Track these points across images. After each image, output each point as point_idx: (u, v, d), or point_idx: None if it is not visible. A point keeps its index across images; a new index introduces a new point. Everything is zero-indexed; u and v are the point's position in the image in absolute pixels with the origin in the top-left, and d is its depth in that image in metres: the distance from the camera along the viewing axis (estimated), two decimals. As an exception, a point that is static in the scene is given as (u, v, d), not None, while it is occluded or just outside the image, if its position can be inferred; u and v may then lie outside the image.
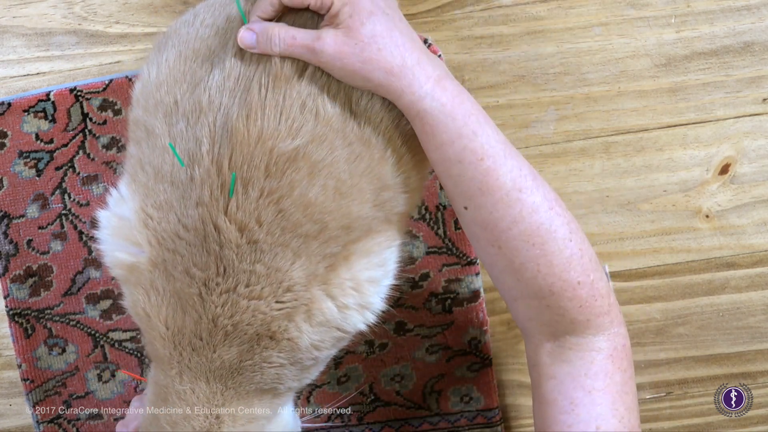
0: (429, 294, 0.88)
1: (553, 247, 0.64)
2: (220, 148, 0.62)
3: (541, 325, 0.66)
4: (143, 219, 0.66)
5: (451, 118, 0.62)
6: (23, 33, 0.87)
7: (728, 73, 0.88)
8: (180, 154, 0.63)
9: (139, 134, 0.67)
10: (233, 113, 0.62)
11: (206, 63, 0.65)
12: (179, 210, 0.64)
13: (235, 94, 0.62)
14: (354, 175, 0.64)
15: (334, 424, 0.90)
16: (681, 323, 0.91)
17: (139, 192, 0.67)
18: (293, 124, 0.62)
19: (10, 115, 0.85)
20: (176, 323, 0.66)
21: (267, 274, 0.63)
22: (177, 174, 0.64)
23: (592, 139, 0.89)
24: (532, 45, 0.88)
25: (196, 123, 0.63)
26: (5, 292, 0.88)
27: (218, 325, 0.64)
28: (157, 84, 0.66)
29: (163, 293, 0.65)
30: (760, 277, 0.91)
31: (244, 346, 0.65)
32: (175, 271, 0.64)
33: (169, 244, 0.64)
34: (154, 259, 0.65)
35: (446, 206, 0.86)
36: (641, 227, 0.90)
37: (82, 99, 0.85)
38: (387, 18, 0.61)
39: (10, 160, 0.86)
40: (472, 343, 0.88)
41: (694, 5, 0.87)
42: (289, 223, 0.63)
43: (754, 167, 0.89)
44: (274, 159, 0.61)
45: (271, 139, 0.61)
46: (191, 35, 0.67)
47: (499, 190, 0.63)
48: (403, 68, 0.61)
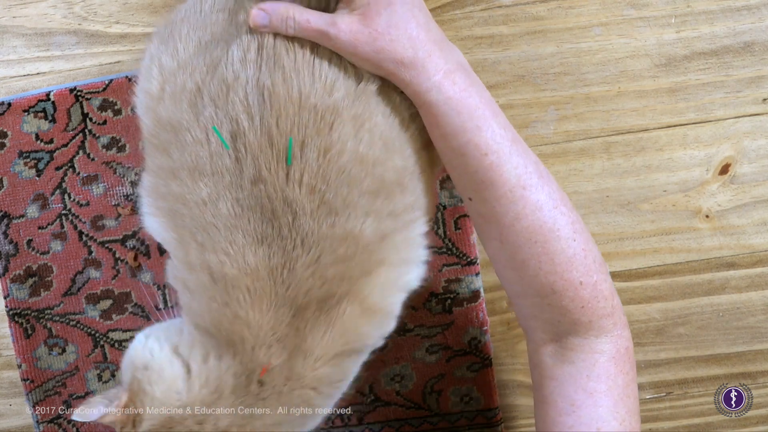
0: (429, 294, 0.88)
1: (556, 245, 0.63)
2: (262, 118, 0.61)
3: (543, 324, 0.66)
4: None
5: (456, 112, 0.62)
6: (23, 33, 0.87)
7: (728, 73, 0.88)
8: (217, 142, 0.62)
9: (165, 137, 0.65)
10: (266, 81, 0.61)
11: (221, 43, 0.64)
12: (231, 195, 0.62)
13: (260, 64, 0.61)
14: (393, 127, 0.64)
15: (333, 425, 0.90)
16: (681, 323, 0.91)
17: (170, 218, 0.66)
18: (326, 80, 0.61)
19: (10, 115, 0.85)
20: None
21: (344, 237, 0.62)
22: (218, 161, 0.62)
23: (592, 139, 0.89)
24: (532, 45, 0.88)
25: (226, 102, 0.61)
26: (5, 292, 0.88)
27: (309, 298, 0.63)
28: (173, 73, 0.65)
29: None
30: (760, 277, 0.91)
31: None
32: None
33: (220, 227, 0.63)
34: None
35: (446, 206, 0.86)
36: (641, 227, 0.90)
37: (82, 99, 0.85)
38: (405, 8, 0.61)
39: (10, 160, 0.86)
40: (472, 343, 0.88)
41: (694, 5, 0.87)
42: (353, 179, 0.62)
43: (754, 167, 0.89)
44: (320, 115, 0.61)
45: (311, 97, 0.60)
46: (207, 21, 0.65)
47: (503, 186, 0.63)
48: (413, 60, 0.61)
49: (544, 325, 0.66)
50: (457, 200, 0.86)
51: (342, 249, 0.63)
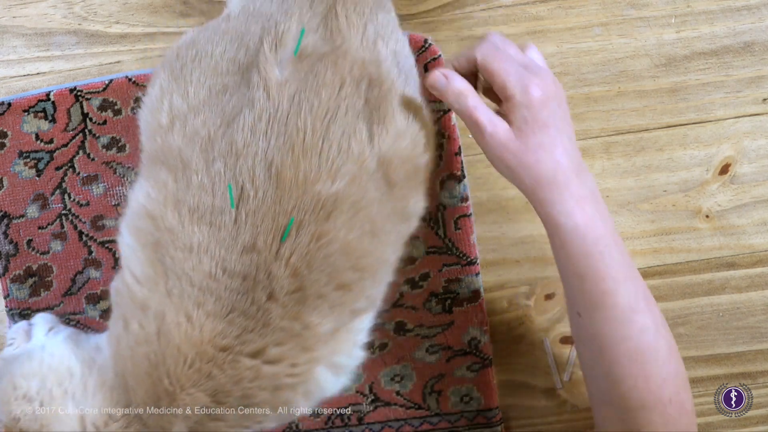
0: (429, 294, 0.88)
1: (654, 367, 0.67)
2: (266, 193, 0.63)
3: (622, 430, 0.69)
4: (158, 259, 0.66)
5: (581, 238, 0.66)
6: (23, 33, 0.87)
7: (728, 73, 0.88)
8: (223, 197, 0.63)
9: (173, 163, 0.66)
10: (275, 157, 0.63)
11: (233, 98, 0.65)
12: (220, 254, 0.63)
13: (270, 136, 0.63)
14: (385, 217, 0.67)
15: (334, 425, 0.90)
16: (681, 323, 0.91)
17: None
18: (332, 165, 0.64)
19: (10, 115, 0.85)
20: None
21: (299, 333, 0.65)
22: (218, 215, 0.64)
23: (592, 139, 0.89)
24: (532, 45, 0.88)
25: (235, 165, 0.63)
26: (5, 292, 0.88)
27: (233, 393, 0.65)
28: (184, 114, 0.66)
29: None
30: (760, 277, 0.91)
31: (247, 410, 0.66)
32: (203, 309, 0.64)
33: (198, 293, 0.64)
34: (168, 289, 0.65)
35: (446, 206, 0.86)
36: (641, 227, 0.90)
37: (82, 99, 0.85)
38: (556, 133, 0.67)
39: (10, 160, 0.86)
40: (472, 343, 0.88)
41: (694, 5, 0.87)
42: (335, 270, 0.65)
43: (754, 167, 0.89)
44: (321, 203, 0.63)
45: (316, 183, 0.63)
46: (219, 69, 0.67)
47: (614, 309, 0.67)
48: (552, 183, 0.67)
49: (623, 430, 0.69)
50: (457, 200, 0.86)
51: (291, 344, 0.65)
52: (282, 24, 0.66)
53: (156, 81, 0.70)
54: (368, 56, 0.67)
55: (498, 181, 0.89)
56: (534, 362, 0.91)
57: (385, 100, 0.67)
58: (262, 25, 0.67)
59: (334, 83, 0.65)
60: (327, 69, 0.65)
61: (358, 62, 0.66)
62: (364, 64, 0.67)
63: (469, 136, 0.88)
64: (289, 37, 0.66)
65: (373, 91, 0.67)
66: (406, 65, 0.71)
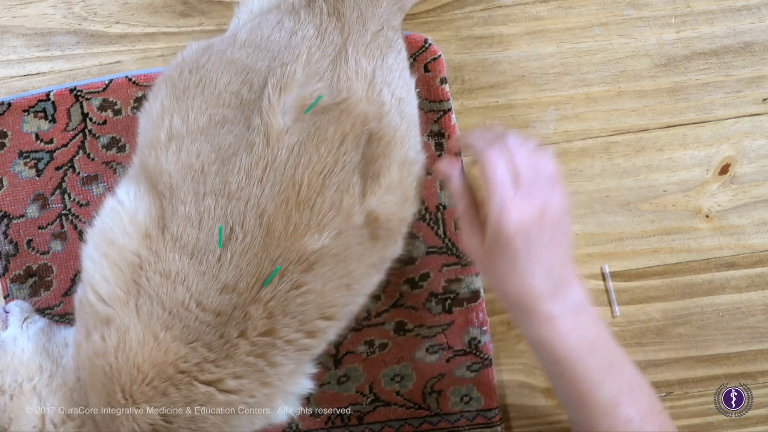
0: (429, 294, 0.88)
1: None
2: (253, 239, 0.64)
3: None
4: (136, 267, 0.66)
5: (550, 353, 0.69)
6: (23, 33, 0.87)
7: (728, 73, 0.88)
8: (209, 233, 0.64)
9: (161, 187, 0.66)
10: (268, 207, 0.64)
11: (230, 134, 0.66)
12: (196, 287, 0.64)
13: (265, 184, 0.64)
14: (362, 273, 0.69)
15: (334, 425, 0.90)
16: (681, 323, 0.91)
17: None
18: (322, 219, 0.65)
19: (10, 115, 0.85)
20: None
21: (262, 370, 0.67)
22: (203, 250, 0.64)
23: (592, 139, 0.89)
24: (532, 45, 0.88)
25: (226, 206, 0.64)
26: (5, 292, 0.88)
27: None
28: (182, 137, 0.66)
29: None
30: (760, 277, 0.91)
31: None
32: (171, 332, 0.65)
33: (168, 316, 0.65)
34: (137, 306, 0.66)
35: (446, 206, 0.86)
36: (641, 227, 0.90)
37: (82, 99, 0.85)
38: (528, 261, 0.67)
39: (10, 160, 0.86)
40: (472, 343, 0.88)
41: (694, 5, 0.87)
42: (307, 318, 0.67)
43: (754, 167, 0.89)
44: (306, 256, 0.65)
45: (304, 236, 0.64)
46: (220, 99, 0.67)
47: (596, 406, 0.69)
48: (519, 306, 0.68)
49: None
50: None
51: (251, 378, 0.67)
52: (289, 66, 0.66)
53: (158, 96, 0.70)
54: (372, 110, 0.68)
55: (498, 181, 0.89)
56: (534, 362, 0.91)
57: (383, 155, 0.68)
58: (268, 64, 0.67)
59: (335, 139, 0.66)
60: (330, 125, 0.66)
61: (361, 118, 0.67)
62: (367, 119, 0.67)
63: (469, 136, 0.88)
64: (294, 83, 0.66)
65: (372, 147, 0.68)
66: (410, 112, 0.72)
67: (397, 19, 0.73)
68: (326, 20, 0.68)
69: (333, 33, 0.68)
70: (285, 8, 0.70)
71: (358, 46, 0.68)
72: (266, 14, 0.71)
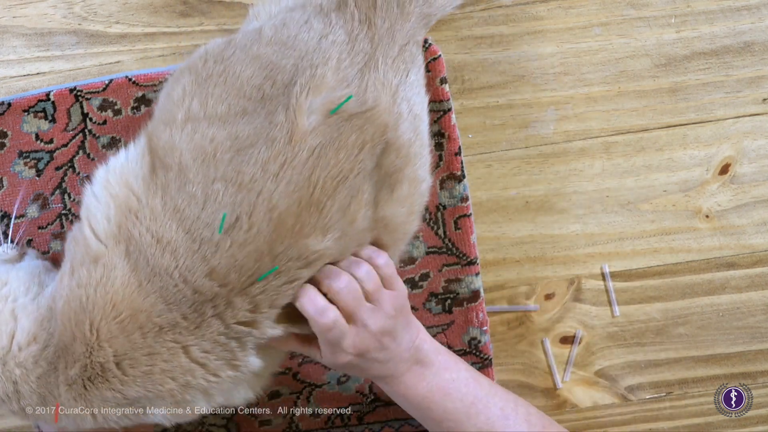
0: (429, 294, 0.88)
1: None
2: (259, 232, 0.64)
3: None
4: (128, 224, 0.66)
5: (408, 400, 0.76)
6: (23, 33, 0.87)
7: (728, 73, 0.88)
8: (211, 215, 0.64)
9: (170, 161, 0.66)
10: (280, 203, 0.64)
11: (248, 126, 0.66)
12: (184, 262, 0.64)
13: (280, 180, 0.64)
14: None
15: (334, 425, 0.90)
16: (681, 323, 0.91)
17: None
18: (328, 222, 0.65)
19: (10, 115, 0.85)
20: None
21: (232, 351, 0.67)
22: (200, 229, 0.64)
23: (592, 139, 0.89)
24: (532, 45, 0.88)
25: (236, 194, 0.64)
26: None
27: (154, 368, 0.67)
28: (198, 120, 0.67)
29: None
30: (760, 277, 0.91)
31: (150, 394, 0.67)
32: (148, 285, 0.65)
33: (151, 272, 0.65)
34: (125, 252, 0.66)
35: (446, 206, 0.86)
36: (641, 227, 0.90)
37: (82, 99, 0.85)
38: (406, 337, 0.73)
39: (10, 160, 0.86)
40: (472, 343, 0.88)
41: (694, 5, 0.87)
42: (289, 312, 0.68)
43: (754, 167, 0.90)
44: (307, 255, 0.65)
45: (309, 236, 0.65)
46: (242, 91, 0.67)
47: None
48: (394, 374, 0.74)
49: None
50: (457, 200, 0.86)
51: (219, 356, 0.68)
52: (319, 68, 0.66)
53: (180, 80, 0.70)
54: (392, 121, 0.68)
55: (498, 181, 0.89)
56: (534, 362, 0.91)
57: (398, 169, 0.69)
58: (295, 62, 0.67)
59: (355, 147, 0.66)
60: (353, 132, 0.66)
61: (381, 127, 0.67)
62: (386, 129, 0.68)
63: (470, 136, 0.88)
64: (324, 86, 0.66)
65: (388, 157, 0.69)
66: (423, 130, 0.73)
67: (421, 34, 0.74)
68: (358, 28, 0.69)
69: (363, 41, 0.69)
70: (312, 9, 0.71)
71: (386, 58, 0.69)
72: (290, 12, 0.71)
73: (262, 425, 0.88)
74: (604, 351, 0.91)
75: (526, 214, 0.89)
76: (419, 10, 0.72)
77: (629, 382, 0.91)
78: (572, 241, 0.90)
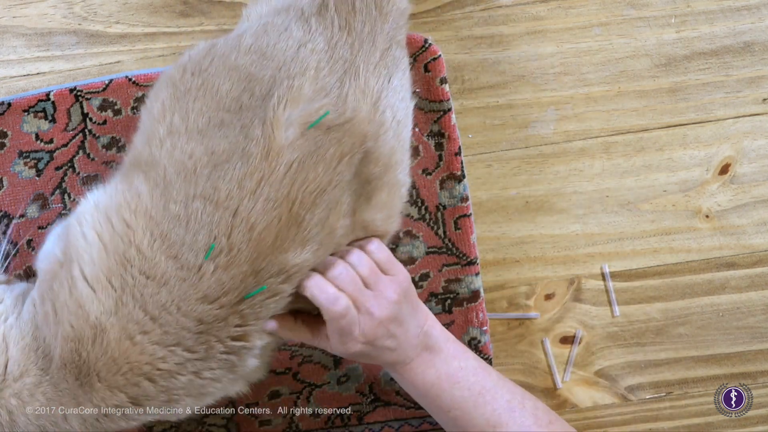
0: (429, 294, 0.88)
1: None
2: (240, 252, 0.64)
3: None
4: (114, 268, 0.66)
5: (416, 387, 0.76)
6: (23, 33, 0.87)
7: (728, 73, 0.88)
8: (194, 237, 0.64)
9: (155, 175, 0.66)
10: (259, 221, 0.64)
11: (224, 140, 0.65)
12: (177, 291, 0.64)
13: (258, 197, 0.64)
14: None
15: (334, 425, 0.90)
16: (681, 323, 0.91)
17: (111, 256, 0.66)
18: (306, 235, 0.65)
19: (10, 115, 0.85)
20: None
21: (234, 364, 0.68)
22: (185, 255, 0.64)
23: (592, 139, 0.89)
24: (532, 45, 0.88)
25: (213, 214, 0.64)
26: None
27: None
28: (179, 134, 0.66)
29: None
30: (760, 277, 0.91)
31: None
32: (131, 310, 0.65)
33: (148, 312, 0.65)
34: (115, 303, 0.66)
35: (446, 206, 0.86)
36: (641, 227, 0.90)
37: (82, 99, 0.85)
38: (413, 323, 0.74)
39: (10, 160, 0.86)
40: (472, 343, 0.88)
41: (694, 5, 0.87)
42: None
43: (754, 167, 0.90)
44: (287, 269, 0.65)
45: (288, 251, 0.65)
46: (221, 104, 0.66)
47: (473, 429, 0.75)
48: (403, 360, 0.75)
49: None
50: (456, 200, 0.86)
51: (224, 371, 0.69)
52: (296, 79, 0.65)
53: (159, 95, 0.69)
54: (372, 130, 0.68)
55: (498, 181, 0.89)
56: (534, 362, 0.91)
57: (377, 177, 0.69)
58: (272, 73, 0.66)
59: (333, 159, 0.66)
60: (331, 145, 0.65)
61: (360, 137, 0.67)
62: (366, 138, 0.67)
63: (470, 136, 0.88)
64: (301, 98, 0.65)
65: (367, 167, 0.68)
66: (405, 136, 0.73)
67: (402, 33, 0.73)
68: (337, 34, 0.68)
69: (343, 48, 0.67)
70: (294, 14, 0.69)
71: (368, 64, 0.68)
72: (274, 17, 0.70)
73: (262, 425, 0.88)
74: (604, 351, 0.91)
75: (526, 214, 0.89)
76: (395, 7, 0.71)
77: (629, 382, 0.91)
78: (572, 241, 0.90)
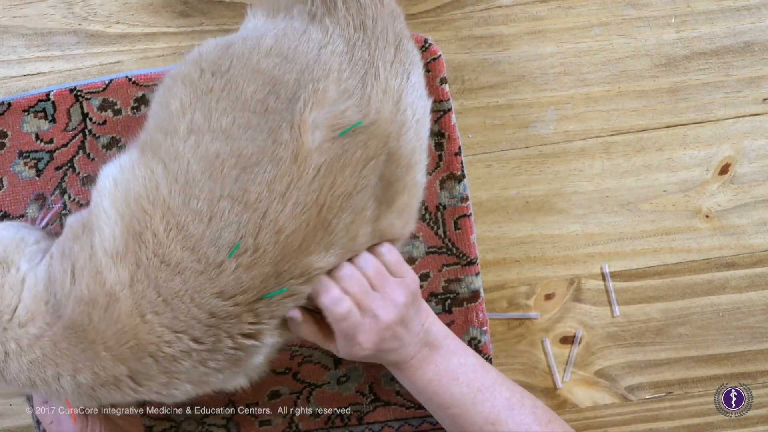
0: (429, 294, 0.88)
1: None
2: (265, 253, 0.64)
3: None
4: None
5: (414, 384, 0.77)
6: (23, 33, 0.87)
7: (728, 73, 0.88)
8: (217, 233, 0.64)
9: (175, 168, 0.65)
10: (287, 225, 0.64)
11: (253, 142, 0.65)
12: (192, 284, 0.64)
13: (287, 200, 0.64)
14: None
15: (334, 425, 0.90)
16: (681, 323, 0.91)
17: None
18: (332, 240, 0.66)
19: (10, 115, 0.85)
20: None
21: (240, 359, 0.68)
22: (205, 249, 0.64)
23: (592, 139, 0.89)
24: (532, 45, 0.88)
25: (241, 214, 0.64)
26: (5, 292, 0.88)
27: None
28: (202, 132, 0.66)
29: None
30: (760, 277, 0.91)
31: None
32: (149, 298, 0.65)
33: (161, 294, 0.65)
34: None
35: (446, 206, 0.86)
36: (641, 227, 0.90)
37: (82, 99, 0.85)
38: (416, 323, 0.75)
39: (10, 160, 0.86)
40: (472, 343, 0.88)
41: (694, 5, 0.87)
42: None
43: (754, 167, 0.90)
44: (309, 272, 0.66)
45: (312, 254, 0.65)
46: (246, 105, 0.66)
47: (472, 426, 0.75)
48: (405, 360, 0.76)
49: None
50: (456, 200, 0.86)
51: (230, 363, 0.69)
52: (320, 82, 0.66)
53: (175, 93, 0.68)
54: (394, 130, 0.68)
55: (498, 181, 0.89)
56: (534, 362, 0.91)
57: (399, 179, 0.69)
58: (297, 77, 0.66)
59: (359, 163, 0.66)
60: (357, 148, 0.66)
61: (384, 138, 0.67)
62: (389, 139, 0.68)
63: (470, 136, 0.88)
64: (326, 100, 0.66)
65: (390, 168, 0.68)
66: (424, 135, 0.73)
67: (401, 23, 0.73)
68: (354, 35, 0.68)
69: (362, 48, 0.68)
70: (308, 15, 0.69)
71: (385, 62, 0.68)
72: (291, 21, 0.70)
73: (262, 425, 0.88)
74: (604, 351, 0.91)
75: (526, 214, 0.89)
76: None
77: (629, 382, 0.91)
78: (572, 241, 0.90)
